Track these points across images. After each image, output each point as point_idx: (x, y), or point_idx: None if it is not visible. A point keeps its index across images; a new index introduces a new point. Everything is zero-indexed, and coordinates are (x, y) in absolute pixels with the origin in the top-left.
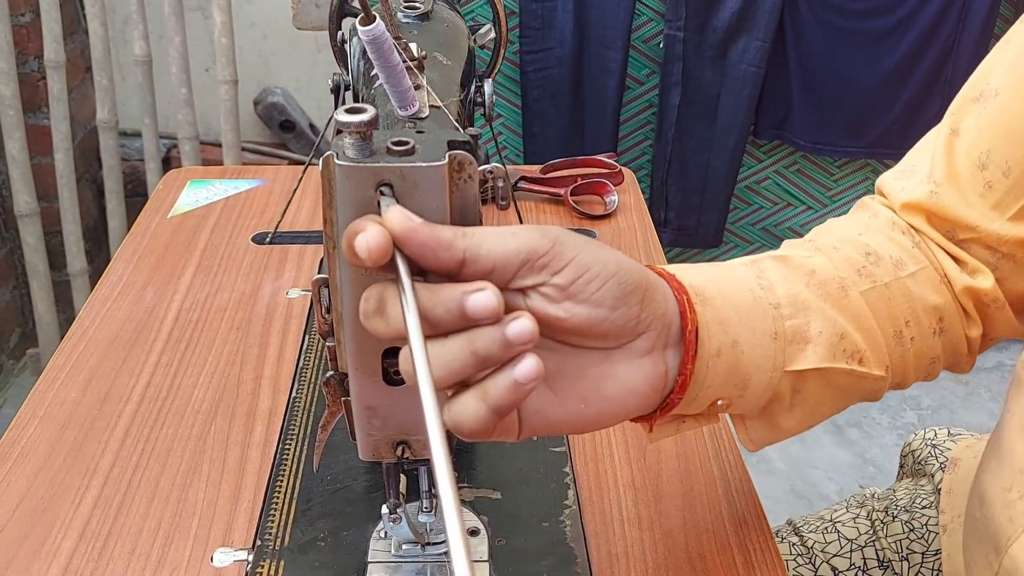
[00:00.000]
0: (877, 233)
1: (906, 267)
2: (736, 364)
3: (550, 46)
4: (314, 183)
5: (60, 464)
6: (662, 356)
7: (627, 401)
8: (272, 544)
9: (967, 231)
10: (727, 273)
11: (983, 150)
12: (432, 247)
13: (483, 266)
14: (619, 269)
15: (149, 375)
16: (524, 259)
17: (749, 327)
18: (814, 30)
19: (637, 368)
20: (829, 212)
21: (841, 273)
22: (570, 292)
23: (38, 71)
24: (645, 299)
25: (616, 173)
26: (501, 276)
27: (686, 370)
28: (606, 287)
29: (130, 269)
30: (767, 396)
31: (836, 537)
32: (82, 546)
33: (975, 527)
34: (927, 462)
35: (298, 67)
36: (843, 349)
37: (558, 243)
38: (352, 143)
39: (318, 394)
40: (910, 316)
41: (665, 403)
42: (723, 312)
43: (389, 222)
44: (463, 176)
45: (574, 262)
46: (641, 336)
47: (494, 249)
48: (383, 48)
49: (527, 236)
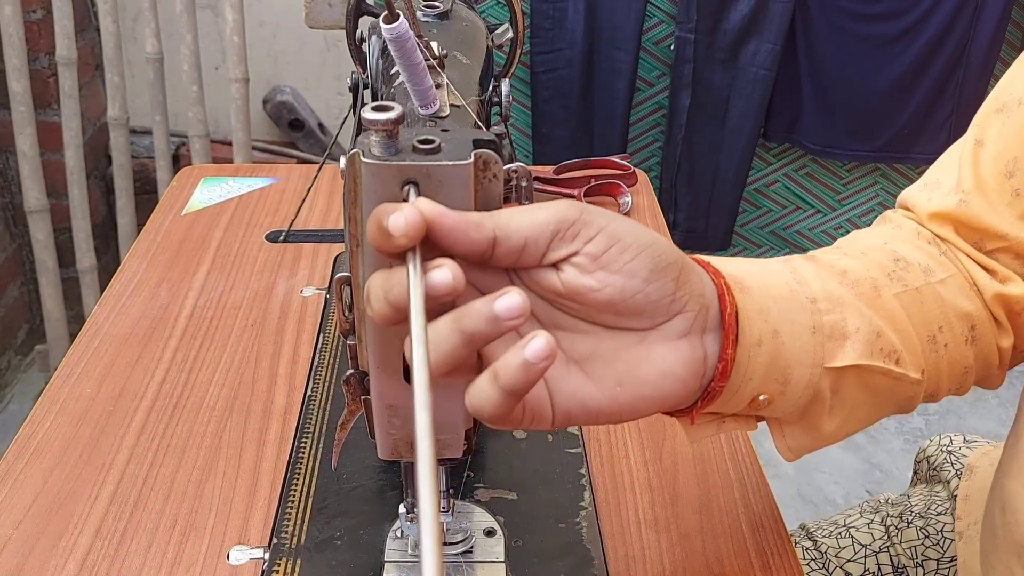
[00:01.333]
0: (903, 242)
1: (935, 274)
2: (777, 356)
3: (561, 47)
4: (327, 182)
5: (76, 460)
6: (700, 340)
7: (664, 384)
8: (288, 542)
9: (996, 240)
10: (761, 266)
11: (1009, 158)
12: (463, 228)
13: (515, 243)
14: (653, 243)
15: (164, 372)
16: (555, 229)
17: (788, 319)
18: (825, 34)
19: (674, 350)
20: (838, 216)
21: (872, 274)
22: (603, 261)
23: (49, 67)
24: (681, 277)
25: (630, 175)
26: (534, 251)
27: (727, 355)
28: (639, 258)
29: (144, 266)
30: (808, 395)
31: (850, 542)
32: (98, 542)
33: (995, 534)
34: (943, 468)
35: (307, 66)
36: (880, 348)
37: (587, 212)
38: (378, 141)
39: (333, 392)
40: (943, 322)
41: (707, 392)
42: (762, 301)
43: (419, 206)
44: (488, 175)
45: (605, 230)
46: (677, 316)
47: (524, 223)
48: (406, 46)
49: (555, 207)
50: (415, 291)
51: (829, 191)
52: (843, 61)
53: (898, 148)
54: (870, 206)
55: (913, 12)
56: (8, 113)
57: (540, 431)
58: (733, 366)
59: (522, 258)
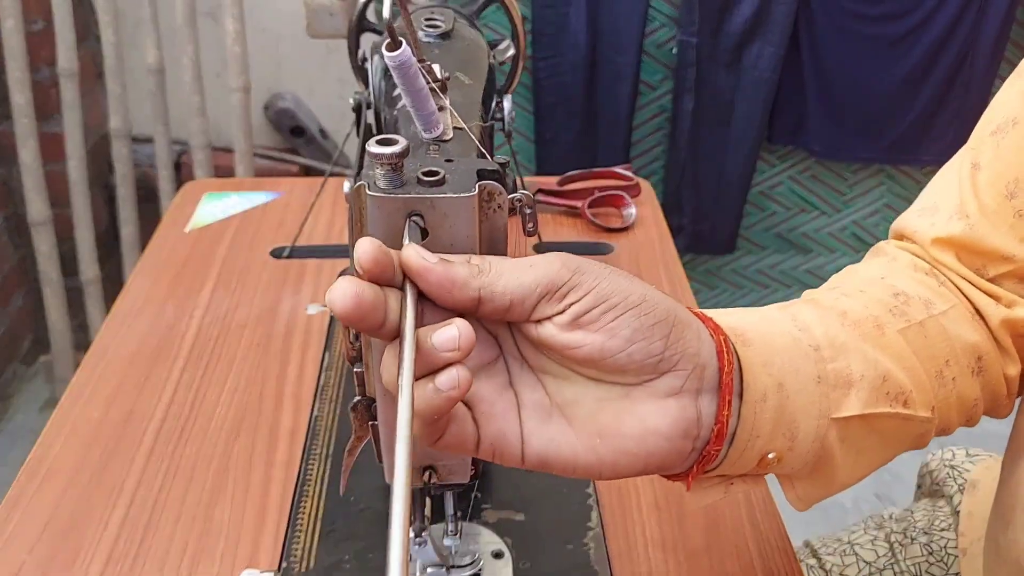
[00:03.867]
0: (900, 275)
1: (936, 306)
2: (783, 410)
3: (563, 52)
4: (330, 196)
5: (86, 483)
6: (693, 400)
7: (648, 442)
8: (298, 566)
9: (1002, 263)
10: (762, 316)
11: (1009, 179)
12: (447, 287)
13: (500, 303)
14: (642, 301)
15: (172, 392)
16: (543, 292)
17: (793, 369)
18: (829, 35)
19: (661, 408)
20: (844, 218)
21: (874, 312)
22: (583, 321)
23: (50, 78)
24: (672, 336)
25: (633, 186)
26: (520, 311)
27: (723, 417)
28: (623, 318)
29: (149, 284)
30: (815, 448)
31: (854, 560)
32: (110, 568)
33: (998, 551)
34: (945, 483)
35: (308, 72)
36: (886, 392)
37: (578, 272)
38: (383, 174)
39: (340, 413)
40: (949, 355)
41: (703, 456)
42: (765, 353)
43: (404, 258)
44: (493, 206)
45: (594, 291)
46: (666, 375)
47: (510, 285)
48: (408, 73)
49: (545, 268)
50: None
51: (834, 193)
52: (847, 63)
53: (903, 149)
54: (876, 208)
55: (917, 13)
56: (10, 124)
57: None
58: (739, 423)
59: (508, 316)
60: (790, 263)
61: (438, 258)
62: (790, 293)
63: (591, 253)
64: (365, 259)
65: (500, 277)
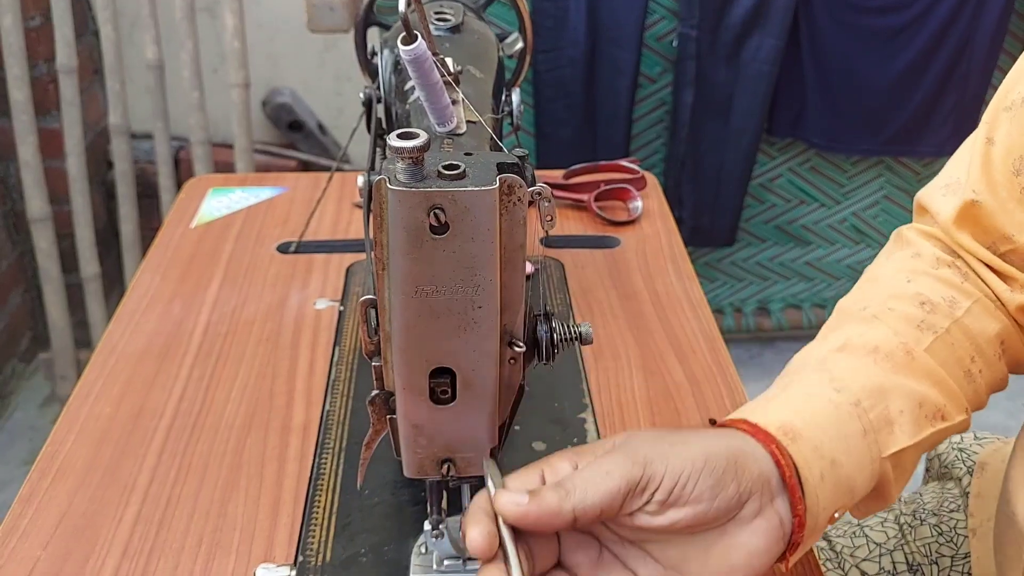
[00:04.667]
0: (925, 276)
1: (960, 305)
2: (839, 478)
3: (563, 46)
4: (335, 190)
5: (99, 481)
6: (772, 510)
7: (755, 562)
8: (314, 560)
9: (1006, 243)
10: (802, 391)
11: (1016, 156)
12: (547, 521)
13: (593, 515)
14: (706, 460)
15: (182, 389)
16: (625, 493)
17: (841, 438)
18: (828, 28)
19: (754, 531)
20: (843, 209)
21: (902, 337)
22: (669, 503)
23: (48, 74)
24: (739, 472)
25: (639, 179)
26: (610, 512)
27: (799, 511)
28: (700, 484)
29: (156, 281)
30: (872, 484)
31: (864, 541)
32: (125, 563)
33: (1007, 532)
34: (954, 466)
35: (306, 67)
36: (925, 415)
37: (648, 466)
38: (404, 168)
39: (352, 407)
40: (975, 352)
41: (792, 544)
42: (815, 438)
43: (500, 511)
44: (513, 199)
45: (667, 475)
46: (747, 504)
47: (598, 496)
48: (423, 66)
49: (620, 472)
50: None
51: (834, 185)
52: (846, 55)
53: (903, 141)
54: (875, 199)
55: (916, 5)
56: (8, 121)
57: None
58: (806, 508)
59: (600, 519)
60: (789, 255)
61: (527, 495)
62: (789, 285)
63: (598, 247)
64: (481, 554)
65: (586, 493)
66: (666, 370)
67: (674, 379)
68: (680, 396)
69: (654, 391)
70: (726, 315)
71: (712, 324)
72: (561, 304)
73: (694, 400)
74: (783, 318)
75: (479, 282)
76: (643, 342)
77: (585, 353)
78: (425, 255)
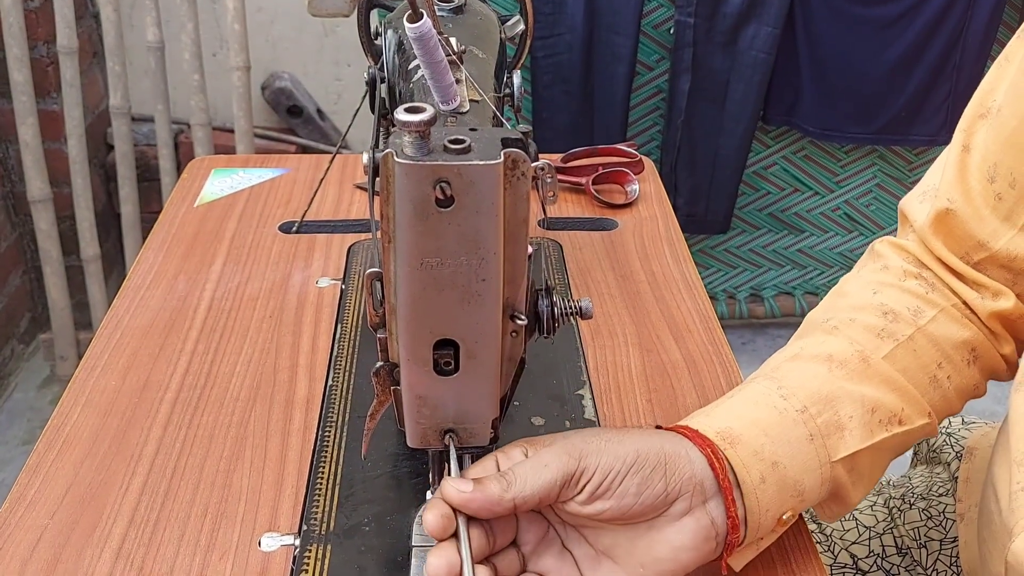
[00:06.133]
0: (890, 288)
1: (925, 314)
2: (783, 480)
3: (560, 32)
4: (336, 172)
5: (105, 451)
6: (703, 510)
7: (680, 557)
8: (318, 529)
9: (980, 250)
10: (748, 399)
11: (991, 163)
12: (488, 508)
13: (531, 503)
14: (636, 457)
15: (187, 363)
16: (561, 484)
17: (784, 442)
18: (824, 16)
19: (681, 528)
20: (836, 197)
21: (859, 346)
22: (597, 494)
23: (47, 56)
24: (668, 472)
25: (637, 162)
26: (547, 501)
27: (731, 513)
28: (627, 479)
29: (160, 258)
30: (826, 489)
31: (854, 525)
32: (132, 532)
33: (991, 519)
34: (942, 450)
35: (305, 52)
36: (878, 420)
37: (583, 460)
38: (411, 142)
39: (354, 382)
40: (941, 358)
41: (727, 543)
42: (754, 443)
43: (445, 497)
44: (517, 173)
45: (599, 469)
46: (675, 502)
47: (536, 487)
48: (428, 44)
49: (557, 464)
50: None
51: (827, 173)
52: (841, 44)
53: (896, 131)
54: (868, 188)
55: None
56: (8, 102)
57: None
58: (746, 510)
59: (538, 507)
60: (782, 243)
61: (472, 484)
62: (782, 272)
63: (596, 229)
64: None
65: (526, 483)
66: (662, 349)
67: (670, 358)
68: (676, 374)
69: (650, 369)
70: (719, 302)
71: (708, 305)
72: (560, 284)
73: (690, 378)
74: (775, 305)
75: (483, 255)
76: (640, 322)
77: (583, 332)
78: (431, 228)
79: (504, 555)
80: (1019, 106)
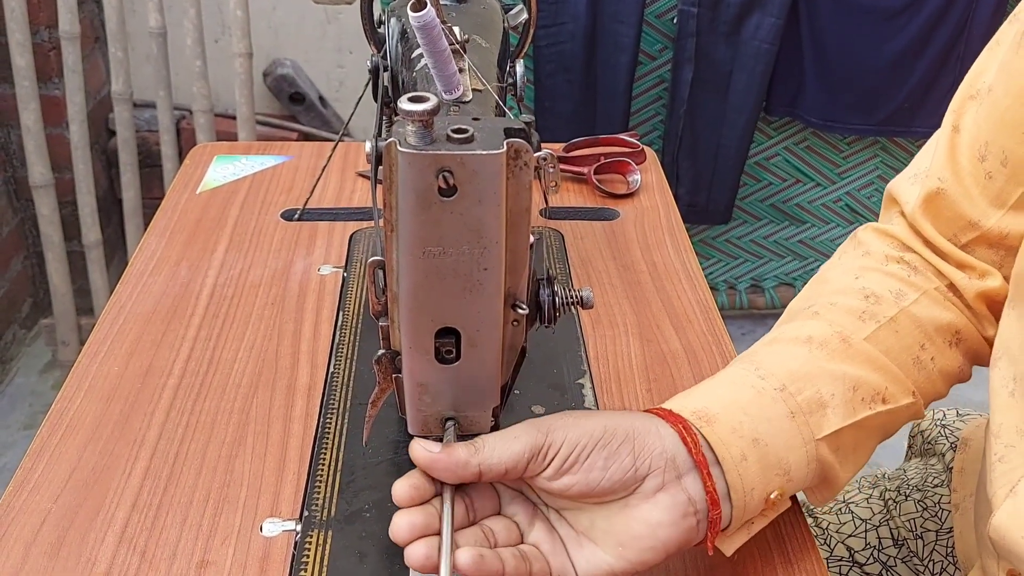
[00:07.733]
0: (872, 272)
1: (907, 296)
2: (766, 457)
3: (563, 21)
4: (339, 160)
5: (108, 436)
6: (678, 486)
7: (659, 533)
8: (319, 515)
9: (970, 230)
10: (725, 382)
11: (982, 142)
12: (453, 470)
13: (497, 471)
14: (603, 432)
15: (189, 349)
16: (529, 456)
17: (764, 419)
18: (828, 7)
19: (655, 504)
20: (838, 189)
21: (838, 327)
22: (564, 468)
23: (49, 41)
24: (636, 447)
25: (638, 152)
26: (515, 473)
27: (708, 487)
28: (594, 453)
29: (163, 244)
30: (813, 468)
31: (850, 518)
32: (135, 516)
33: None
34: (937, 442)
35: (307, 39)
36: (861, 398)
37: (551, 433)
38: (414, 131)
39: (355, 370)
40: (924, 339)
41: (710, 520)
42: (732, 420)
43: (415, 458)
44: (519, 163)
45: (566, 443)
46: (646, 478)
47: (503, 456)
48: (432, 33)
49: (526, 437)
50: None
51: (829, 164)
52: (845, 35)
53: (898, 122)
54: (870, 179)
55: None
56: (10, 87)
57: (560, 405)
58: (729, 487)
59: (506, 479)
60: (784, 233)
61: (439, 446)
62: (783, 263)
63: (597, 219)
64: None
65: (493, 451)
66: (662, 339)
67: (670, 348)
68: (676, 364)
69: (651, 359)
70: (720, 292)
71: (708, 295)
72: (561, 274)
73: (690, 368)
74: (776, 296)
75: (485, 244)
76: (640, 311)
77: (584, 321)
78: (433, 217)
79: (500, 521)
80: (1011, 84)
